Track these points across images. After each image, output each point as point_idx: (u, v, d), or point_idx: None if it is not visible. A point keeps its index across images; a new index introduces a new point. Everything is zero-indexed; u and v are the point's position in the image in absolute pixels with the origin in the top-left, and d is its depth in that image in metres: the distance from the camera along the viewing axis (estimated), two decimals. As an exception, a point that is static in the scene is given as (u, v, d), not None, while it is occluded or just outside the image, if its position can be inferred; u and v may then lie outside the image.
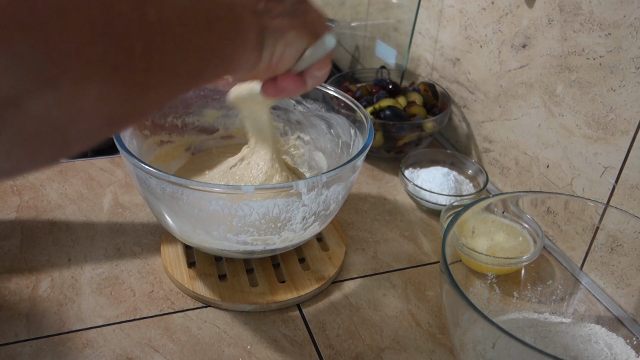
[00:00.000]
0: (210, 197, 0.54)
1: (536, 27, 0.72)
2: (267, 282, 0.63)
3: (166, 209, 0.58)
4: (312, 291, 0.63)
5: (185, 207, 0.56)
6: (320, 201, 0.58)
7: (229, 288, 0.62)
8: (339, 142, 0.73)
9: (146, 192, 0.58)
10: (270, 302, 0.61)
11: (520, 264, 0.65)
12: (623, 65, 0.61)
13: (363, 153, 0.60)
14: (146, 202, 0.61)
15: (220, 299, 0.61)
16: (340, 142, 0.72)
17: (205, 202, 0.54)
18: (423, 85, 0.94)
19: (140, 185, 0.59)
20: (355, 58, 1.24)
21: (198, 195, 0.54)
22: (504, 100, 0.80)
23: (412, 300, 0.64)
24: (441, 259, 0.52)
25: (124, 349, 0.55)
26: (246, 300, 0.61)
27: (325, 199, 0.58)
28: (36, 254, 0.66)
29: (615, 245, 0.63)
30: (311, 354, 0.57)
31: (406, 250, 0.72)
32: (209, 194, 0.54)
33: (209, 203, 0.54)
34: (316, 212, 0.59)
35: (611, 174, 0.64)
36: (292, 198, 0.55)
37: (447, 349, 0.58)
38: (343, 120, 0.72)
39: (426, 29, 0.98)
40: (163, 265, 0.65)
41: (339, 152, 0.72)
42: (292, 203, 0.56)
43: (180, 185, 0.54)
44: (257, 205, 0.55)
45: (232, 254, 0.62)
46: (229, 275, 0.64)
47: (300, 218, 0.58)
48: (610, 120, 0.63)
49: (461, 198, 0.76)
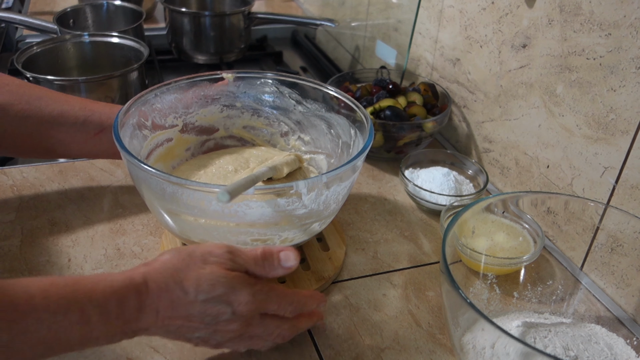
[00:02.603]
0: (211, 198, 0.54)
1: (536, 27, 0.72)
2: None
3: (166, 209, 0.58)
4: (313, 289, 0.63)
5: (185, 207, 0.56)
6: (321, 201, 0.58)
7: None
8: (339, 142, 0.73)
9: (147, 192, 0.58)
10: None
11: (520, 264, 0.65)
12: (623, 66, 0.61)
13: (363, 153, 0.60)
14: (146, 202, 0.61)
15: None
16: (341, 142, 0.72)
17: (206, 203, 0.54)
18: (423, 85, 0.94)
19: (140, 186, 0.59)
20: (355, 58, 1.24)
21: (198, 195, 0.54)
22: (504, 100, 0.80)
23: (412, 300, 0.64)
24: (441, 259, 0.52)
25: (124, 349, 0.55)
26: None
27: (326, 200, 0.58)
28: (36, 254, 0.66)
29: (615, 246, 0.63)
30: (311, 354, 0.57)
31: (406, 250, 0.72)
32: (209, 194, 0.53)
33: (209, 204, 0.54)
34: (316, 213, 0.58)
35: (611, 174, 0.64)
36: (293, 198, 0.55)
37: (447, 349, 0.58)
38: (343, 120, 0.72)
39: (426, 29, 0.98)
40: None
41: (339, 152, 0.73)
42: (292, 203, 0.56)
43: (180, 186, 0.54)
44: (258, 206, 0.55)
45: None
46: None
47: (300, 219, 0.58)
48: (610, 121, 0.63)
49: (461, 198, 0.76)
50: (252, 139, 0.79)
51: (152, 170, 0.54)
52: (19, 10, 1.49)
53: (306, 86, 0.75)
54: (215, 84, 0.74)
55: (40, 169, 0.81)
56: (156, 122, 0.69)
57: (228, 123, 0.77)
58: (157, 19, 1.47)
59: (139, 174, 0.57)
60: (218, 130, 0.77)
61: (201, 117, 0.75)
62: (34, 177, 0.79)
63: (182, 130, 0.73)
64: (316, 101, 0.75)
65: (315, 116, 0.76)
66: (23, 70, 0.90)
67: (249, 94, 0.76)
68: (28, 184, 0.77)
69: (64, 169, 0.81)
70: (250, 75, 0.75)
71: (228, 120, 0.77)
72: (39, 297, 0.40)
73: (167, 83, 0.70)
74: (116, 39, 1.04)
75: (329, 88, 0.73)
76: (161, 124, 0.70)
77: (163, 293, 0.45)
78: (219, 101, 0.75)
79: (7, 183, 0.77)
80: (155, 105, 0.69)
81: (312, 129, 0.77)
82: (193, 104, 0.73)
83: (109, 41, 1.04)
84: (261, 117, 0.78)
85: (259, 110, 0.77)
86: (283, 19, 1.24)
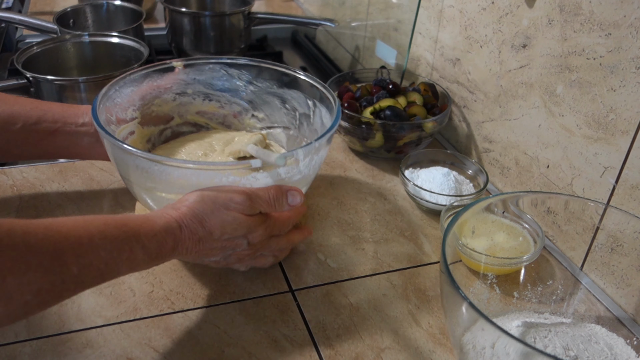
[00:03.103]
0: (221, 175, 0.58)
1: (536, 27, 0.72)
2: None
3: (174, 193, 0.60)
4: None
5: (190, 188, 0.58)
6: (311, 166, 0.64)
7: None
8: (296, 114, 0.78)
9: (160, 184, 0.60)
10: None
11: (520, 264, 0.65)
12: (623, 65, 0.61)
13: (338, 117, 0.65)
14: (145, 194, 0.63)
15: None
16: (298, 114, 0.78)
17: (216, 181, 0.58)
18: (423, 85, 0.94)
19: (146, 181, 0.60)
20: (355, 58, 1.24)
21: (210, 175, 0.58)
22: (504, 100, 0.80)
23: (412, 300, 0.64)
24: (441, 259, 0.52)
25: (124, 349, 0.55)
26: None
27: (314, 164, 0.64)
28: (36, 254, 0.66)
29: (615, 246, 0.63)
30: (311, 354, 0.57)
31: (406, 250, 0.72)
32: (221, 172, 0.57)
33: (219, 181, 0.58)
34: (307, 178, 0.65)
35: (611, 174, 0.64)
36: (292, 167, 0.60)
37: (447, 349, 0.58)
38: (297, 93, 0.76)
39: (426, 29, 0.98)
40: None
41: (297, 123, 0.78)
42: (290, 171, 0.61)
43: (193, 169, 0.58)
44: (263, 176, 0.60)
45: None
46: None
47: (296, 184, 0.63)
48: (610, 121, 0.63)
49: (461, 198, 0.76)
50: (207, 123, 0.82)
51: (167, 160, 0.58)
52: (19, 10, 1.49)
53: (255, 66, 0.78)
54: (166, 74, 0.76)
55: (40, 169, 0.81)
56: (119, 116, 0.71)
57: (182, 110, 0.80)
58: (157, 19, 1.47)
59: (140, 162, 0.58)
60: (173, 119, 0.79)
61: (157, 107, 0.77)
62: (34, 177, 0.79)
63: (142, 122, 0.75)
64: (267, 79, 0.78)
65: (268, 93, 0.79)
66: (23, 70, 0.90)
67: (199, 79, 0.78)
68: (28, 184, 0.77)
69: (64, 169, 0.81)
70: (199, 62, 0.77)
71: (182, 108, 0.79)
72: (98, 237, 0.47)
73: (122, 77, 0.71)
74: (116, 39, 1.04)
75: (279, 65, 0.77)
76: (123, 117, 0.72)
77: (193, 235, 0.54)
78: (171, 90, 0.77)
79: (7, 183, 0.77)
80: (116, 100, 0.70)
81: (265, 106, 0.80)
82: (147, 95, 0.75)
83: (109, 41, 1.04)
84: (213, 100, 0.80)
85: (209, 94, 0.80)
86: (283, 19, 1.24)
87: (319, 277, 0.66)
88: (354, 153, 0.91)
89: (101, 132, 0.59)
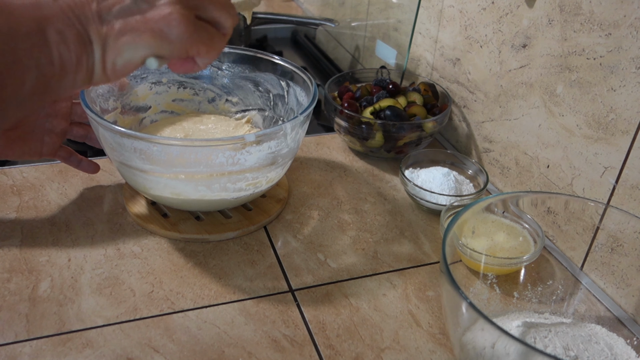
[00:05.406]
0: (217, 151, 0.60)
1: (536, 27, 0.72)
2: (238, 213, 0.73)
3: (171, 172, 0.63)
4: (277, 211, 0.74)
5: (189, 166, 0.62)
6: (297, 139, 0.68)
7: (209, 224, 0.71)
8: (270, 96, 0.83)
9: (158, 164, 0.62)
10: (249, 226, 0.71)
11: (520, 264, 0.65)
12: (623, 65, 0.61)
13: (316, 94, 0.70)
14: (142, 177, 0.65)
15: (207, 233, 0.69)
16: (272, 95, 0.83)
17: (212, 157, 0.61)
18: (423, 85, 0.94)
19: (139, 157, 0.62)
20: (355, 58, 1.24)
21: (206, 151, 0.60)
22: (504, 100, 0.80)
23: (412, 300, 0.64)
24: (441, 259, 0.52)
25: (124, 349, 0.55)
26: (228, 229, 0.70)
27: (299, 138, 0.68)
28: (36, 254, 0.66)
29: (615, 246, 0.63)
30: (311, 354, 0.57)
31: (406, 250, 0.72)
32: (216, 147, 0.60)
33: (216, 157, 0.61)
34: (293, 150, 0.68)
35: (611, 174, 0.64)
36: (280, 139, 0.64)
37: (447, 349, 0.58)
38: (269, 76, 0.81)
39: (426, 29, 0.98)
40: (137, 222, 0.71)
41: (271, 104, 0.83)
42: (280, 144, 0.64)
43: (188, 146, 0.60)
44: (255, 150, 0.63)
45: (213, 206, 0.70)
46: (202, 215, 0.73)
47: (283, 157, 0.67)
48: (610, 121, 0.63)
49: (461, 198, 0.76)
50: (183, 110, 0.86)
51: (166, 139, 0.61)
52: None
53: (226, 53, 0.82)
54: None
55: (40, 169, 0.81)
56: (102, 106, 0.73)
57: (158, 99, 0.83)
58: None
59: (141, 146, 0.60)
60: (151, 108, 0.83)
61: (135, 97, 0.80)
62: (34, 177, 0.79)
63: (122, 112, 0.78)
64: (239, 64, 0.83)
65: (240, 78, 0.84)
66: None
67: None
68: (28, 184, 0.77)
69: (64, 169, 0.81)
70: None
71: (158, 97, 0.83)
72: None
73: None
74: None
75: (249, 50, 0.81)
76: (106, 107, 0.74)
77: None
78: (147, 79, 0.81)
79: (7, 183, 0.77)
80: (98, 90, 0.72)
81: (238, 90, 0.85)
82: (126, 86, 0.77)
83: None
84: (187, 88, 0.85)
85: (183, 82, 0.85)
86: (283, 19, 1.24)
87: (319, 277, 0.66)
88: (354, 153, 0.91)
89: (97, 119, 0.61)
